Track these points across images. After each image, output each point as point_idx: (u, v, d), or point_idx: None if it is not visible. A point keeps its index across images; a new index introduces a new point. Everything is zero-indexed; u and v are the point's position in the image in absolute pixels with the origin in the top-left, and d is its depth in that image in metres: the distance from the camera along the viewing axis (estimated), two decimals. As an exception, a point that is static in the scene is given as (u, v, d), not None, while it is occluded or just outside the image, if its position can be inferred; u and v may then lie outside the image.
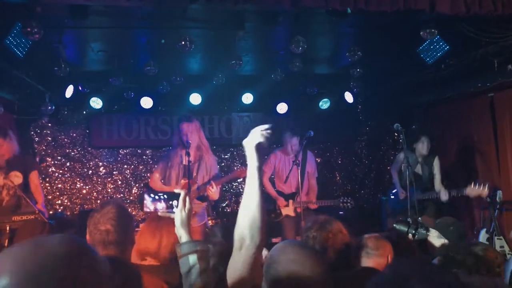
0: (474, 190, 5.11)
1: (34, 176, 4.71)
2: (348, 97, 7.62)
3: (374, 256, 2.69)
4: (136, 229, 3.96)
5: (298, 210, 5.82)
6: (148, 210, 1.85)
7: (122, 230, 2.26)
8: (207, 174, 5.13)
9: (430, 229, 3.12)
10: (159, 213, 2.46)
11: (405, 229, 3.09)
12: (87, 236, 2.28)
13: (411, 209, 4.33)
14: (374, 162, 8.53)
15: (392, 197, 6.21)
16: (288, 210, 5.97)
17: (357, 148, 8.68)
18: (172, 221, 2.58)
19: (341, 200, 5.97)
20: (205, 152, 5.17)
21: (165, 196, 1.77)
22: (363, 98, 8.14)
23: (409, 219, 3.95)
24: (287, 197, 6.02)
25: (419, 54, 5.57)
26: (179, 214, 1.90)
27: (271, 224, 5.90)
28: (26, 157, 4.87)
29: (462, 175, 6.44)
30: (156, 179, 5.22)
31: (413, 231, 3.05)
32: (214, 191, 4.91)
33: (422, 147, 5.71)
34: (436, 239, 3.05)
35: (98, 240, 2.24)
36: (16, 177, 4.50)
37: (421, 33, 4.73)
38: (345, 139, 8.57)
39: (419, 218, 4.05)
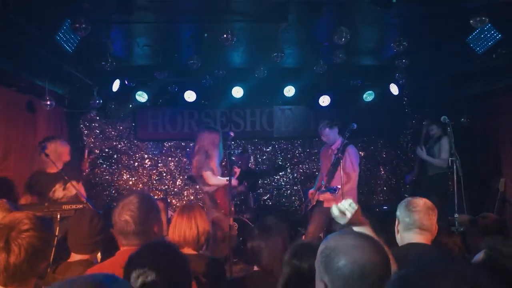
0: None
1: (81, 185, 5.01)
2: (393, 89, 7.44)
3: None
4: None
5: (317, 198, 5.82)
6: None
7: (142, 221, 2.21)
8: None
9: None
10: None
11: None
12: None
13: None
14: (420, 156, 8.27)
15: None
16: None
17: (403, 141, 8.49)
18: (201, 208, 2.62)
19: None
20: None
21: None
22: (409, 90, 7.91)
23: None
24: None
25: (469, 43, 5.34)
26: None
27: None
28: (76, 167, 5.23)
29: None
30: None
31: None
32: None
33: (434, 130, 6.49)
34: None
35: (119, 230, 2.22)
36: (73, 188, 4.77)
37: (471, 21, 4.52)
38: (390, 132, 8.38)
39: (456, 215, 3.96)
